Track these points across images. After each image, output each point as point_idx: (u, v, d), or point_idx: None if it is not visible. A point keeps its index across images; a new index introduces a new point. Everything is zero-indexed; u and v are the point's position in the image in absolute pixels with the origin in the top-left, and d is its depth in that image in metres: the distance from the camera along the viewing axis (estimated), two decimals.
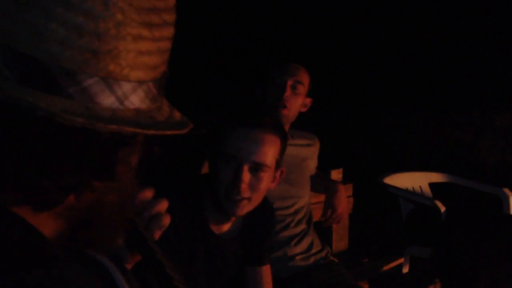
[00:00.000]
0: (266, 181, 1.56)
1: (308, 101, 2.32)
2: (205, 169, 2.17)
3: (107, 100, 0.59)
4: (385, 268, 2.74)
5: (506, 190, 3.09)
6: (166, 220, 1.06)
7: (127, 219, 0.74)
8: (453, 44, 5.56)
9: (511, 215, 3.02)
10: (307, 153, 2.42)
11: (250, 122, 1.55)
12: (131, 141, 0.62)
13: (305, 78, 2.26)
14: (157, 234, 1.09)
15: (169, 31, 0.63)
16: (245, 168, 1.52)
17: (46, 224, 0.64)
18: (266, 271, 1.77)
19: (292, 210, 2.29)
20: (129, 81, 0.60)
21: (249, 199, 1.54)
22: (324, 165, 2.67)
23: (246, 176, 1.52)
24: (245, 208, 1.55)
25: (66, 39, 0.56)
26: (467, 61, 5.50)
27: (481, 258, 2.70)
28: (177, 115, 0.68)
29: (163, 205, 1.05)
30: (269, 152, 1.55)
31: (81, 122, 0.56)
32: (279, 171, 1.62)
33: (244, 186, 1.51)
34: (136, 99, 0.61)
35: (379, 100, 5.73)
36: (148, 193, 1.01)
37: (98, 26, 0.56)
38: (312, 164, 2.50)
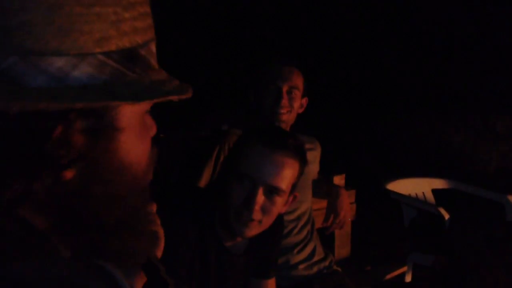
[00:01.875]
0: (280, 205, 1.49)
1: (304, 101, 2.29)
2: (206, 177, 2.12)
3: (36, 80, 0.53)
4: (388, 277, 2.70)
5: (510, 197, 3.05)
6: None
7: (128, 217, 0.65)
8: (454, 48, 5.53)
9: None
10: (308, 158, 2.37)
11: (272, 143, 1.47)
12: (61, 118, 0.55)
13: (299, 81, 2.21)
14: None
15: None
16: (260, 190, 1.44)
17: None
18: (271, 285, 1.72)
19: (294, 215, 2.25)
20: (61, 55, 0.53)
21: (259, 221, 1.47)
22: (326, 170, 2.63)
23: (260, 198, 1.44)
24: (254, 230, 1.49)
25: None
26: (468, 65, 5.47)
27: (485, 266, 2.66)
28: (175, 83, 0.63)
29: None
30: (287, 177, 1.47)
31: None
32: (293, 195, 1.55)
33: (257, 208, 1.44)
34: (82, 75, 0.55)
35: (381, 105, 5.69)
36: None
37: None
38: (314, 169, 2.46)
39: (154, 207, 0.74)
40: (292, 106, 2.18)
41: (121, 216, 0.63)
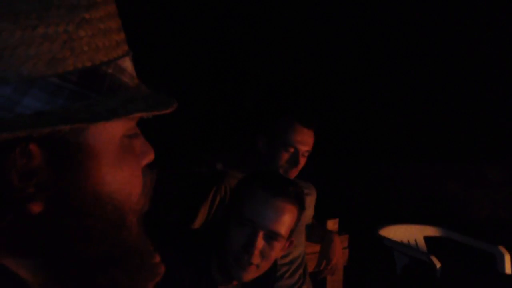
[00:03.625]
0: (278, 250, 1.53)
1: None
2: (201, 217, 2.14)
3: None
4: None
5: (502, 248, 3.07)
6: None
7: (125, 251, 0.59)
8: (447, 96, 5.64)
9: (506, 275, 2.99)
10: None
11: (274, 189, 1.51)
12: (18, 149, 0.51)
13: (313, 142, 2.25)
14: None
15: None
16: (261, 234, 1.47)
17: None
18: None
19: (287, 259, 2.26)
20: (7, 83, 0.50)
21: (257, 266, 1.50)
22: (320, 215, 2.65)
23: (260, 243, 1.47)
24: (252, 274, 1.51)
25: None
26: (462, 114, 5.56)
27: None
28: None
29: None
30: (287, 222, 1.51)
31: None
32: (289, 241, 1.59)
33: (256, 252, 1.47)
34: (34, 102, 0.51)
35: (376, 151, 5.75)
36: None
37: None
38: (308, 214, 2.48)
39: (151, 243, 0.67)
40: (302, 164, 2.23)
41: (107, 252, 0.58)
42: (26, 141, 0.51)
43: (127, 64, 0.58)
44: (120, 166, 0.58)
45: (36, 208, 0.53)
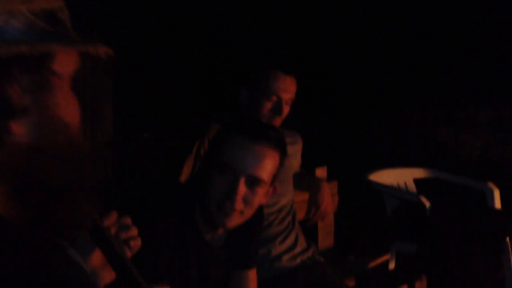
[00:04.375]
0: (261, 196, 1.51)
1: None
2: (186, 172, 2.13)
3: None
4: (372, 265, 2.72)
5: (490, 184, 3.09)
6: (138, 243, 1.11)
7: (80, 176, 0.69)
8: (434, 41, 5.59)
9: (496, 209, 3.02)
10: (289, 151, 2.37)
11: (253, 134, 1.49)
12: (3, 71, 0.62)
13: (295, 90, 2.22)
14: (129, 254, 1.10)
15: None
16: (242, 180, 1.46)
17: None
18: (252, 275, 1.72)
19: (275, 208, 2.27)
20: None
21: (241, 212, 1.49)
22: (308, 163, 2.65)
23: (242, 189, 1.46)
24: (236, 220, 1.50)
25: None
26: (449, 57, 5.54)
27: (467, 253, 2.70)
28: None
29: (134, 231, 1.11)
30: (268, 167, 1.49)
31: None
32: (273, 186, 1.57)
33: (239, 198, 1.45)
34: (15, 31, 0.63)
35: (362, 98, 5.74)
36: (127, 220, 1.07)
37: None
38: (295, 162, 2.48)
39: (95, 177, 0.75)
40: (286, 112, 2.21)
41: (70, 176, 0.67)
42: (11, 66, 0.61)
43: (67, 13, 0.70)
44: (71, 101, 0.69)
45: (17, 128, 0.62)
